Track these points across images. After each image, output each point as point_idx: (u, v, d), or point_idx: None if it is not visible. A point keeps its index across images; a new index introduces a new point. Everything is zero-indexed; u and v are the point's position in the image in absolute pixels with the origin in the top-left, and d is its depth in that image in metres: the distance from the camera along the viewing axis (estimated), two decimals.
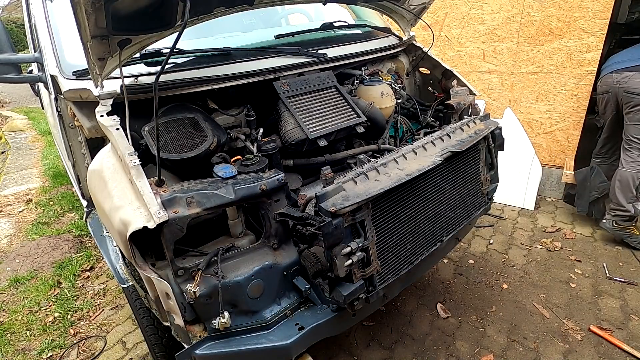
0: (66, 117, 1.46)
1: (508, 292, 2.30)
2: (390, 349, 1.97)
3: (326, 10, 2.46)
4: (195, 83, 1.40)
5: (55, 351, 2.11)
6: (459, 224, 1.62)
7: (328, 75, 1.74)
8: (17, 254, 3.06)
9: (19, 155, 5.64)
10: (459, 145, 1.53)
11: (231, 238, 1.32)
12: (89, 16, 0.94)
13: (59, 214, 3.68)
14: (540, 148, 3.28)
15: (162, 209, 1.02)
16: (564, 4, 2.85)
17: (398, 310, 2.22)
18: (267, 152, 1.42)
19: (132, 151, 1.13)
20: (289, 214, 1.24)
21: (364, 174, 1.27)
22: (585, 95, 2.96)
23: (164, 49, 1.46)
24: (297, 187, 1.57)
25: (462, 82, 2.09)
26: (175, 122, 1.34)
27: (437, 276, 2.48)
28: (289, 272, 1.29)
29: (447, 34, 3.50)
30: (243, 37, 2.01)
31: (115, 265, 1.39)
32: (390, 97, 1.83)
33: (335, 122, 1.59)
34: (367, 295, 1.28)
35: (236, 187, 1.15)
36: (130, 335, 2.18)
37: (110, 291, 2.57)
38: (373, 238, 1.26)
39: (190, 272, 1.13)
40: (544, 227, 2.93)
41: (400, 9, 2.06)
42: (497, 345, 1.95)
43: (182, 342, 1.21)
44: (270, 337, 1.22)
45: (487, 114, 1.84)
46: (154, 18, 1.13)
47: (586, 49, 2.86)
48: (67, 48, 1.51)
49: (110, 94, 1.26)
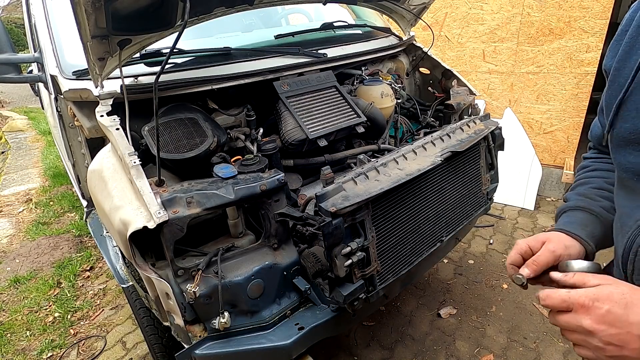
0: (66, 117, 1.46)
1: (508, 292, 2.30)
2: (390, 349, 1.97)
3: (326, 10, 2.46)
4: (195, 83, 1.40)
5: (55, 351, 2.11)
6: (459, 224, 1.62)
7: (328, 75, 1.74)
8: (17, 254, 3.06)
9: (19, 155, 5.64)
10: (459, 145, 1.53)
11: (231, 238, 1.32)
12: (89, 16, 0.94)
13: (59, 214, 3.68)
14: (540, 148, 3.28)
15: (162, 209, 1.02)
16: (564, 4, 2.85)
17: (398, 310, 2.22)
18: (267, 152, 1.42)
19: (132, 151, 1.13)
20: (289, 214, 1.24)
21: (364, 174, 1.27)
22: (585, 95, 2.96)
23: (164, 49, 1.46)
24: (297, 187, 1.57)
25: (462, 82, 2.09)
26: (175, 122, 1.34)
27: (437, 276, 2.48)
28: (289, 272, 1.28)
29: (447, 34, 3.50)
30: (243, 37, 2.01)
31: (115, 265, 1.39)
32: (390, 97, 1.83)
33: (335, 122, 1.59)
34: (367, 295, 1.28)
35: (236, 187, 1.15)
36: (130, 335, 2.18)
37: (110, 291, 2.57)
38: (373, 238, 1.26)
39: (190, 272, 1.13)
40: (544, 227, 2.93)
41: (400, 9, 2.06)
42: (497, 345, 1.95)
43: (182, 342, 1.21)
44: (270, 337, 1.22)
45: (487, 114, 1.84)
46: (154, 18, 1.13)
47: (586, 49, 2.86)
48: (67, 48, 1.51)
49: (110, 94, 1.26)
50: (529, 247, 0.73)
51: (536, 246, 0.72)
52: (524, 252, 0.73)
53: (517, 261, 0.73)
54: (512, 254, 0.74)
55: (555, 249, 0.69)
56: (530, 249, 0.72)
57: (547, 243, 0.71)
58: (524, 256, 0.72)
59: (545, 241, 0.72)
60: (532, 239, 0.73)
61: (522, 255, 0.73)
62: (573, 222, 0.76)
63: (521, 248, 0.73)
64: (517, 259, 0.73)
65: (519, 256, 0.73)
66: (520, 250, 0.73)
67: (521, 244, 0.73)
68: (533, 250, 0.72)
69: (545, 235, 0.73)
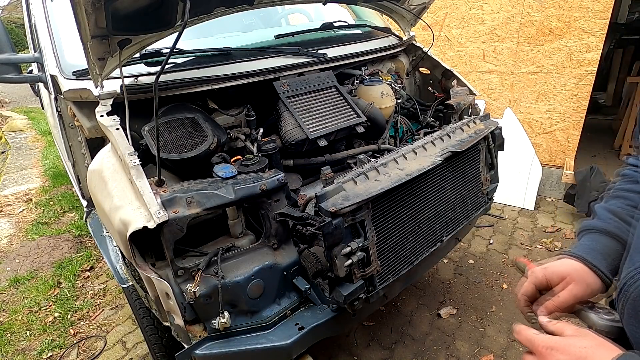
0: (66, 117, 1.46)
1: (508, 292, 2.30)
2: (390, 349, 1.97)
3: (326, 10, 2.46)
4: (195, 83, 1.40)
5: (55, 351, 2.11)
6: (459, 224, 1.62)
7: (328, 75, 1.74)
8: (17, 254, 3.06)
9: (19, 155, 5.64)
10: (459, 145, 1.53)
11: (231, 238, 1.32)
12: (89, 16, 0.94)
13: (59, 214, 3.68)
14: (540, 148, 3.28)
15: (162, 209, 1.02)
16: (564, 4, 2.85)
17: (398, 310, 2.22)
18: (267, 152, 1.42)
19: (132, 151, 1.13)
20: (289, 214, 1.24)
21: (364, 174, 1.27)
22: (585, 95, 2.96)
23: (164, 49, 1.46)
24: (297, 187, 1.57)
25: (462, 82, 2.09)
26: (175, 122, 1.34)
27: (437, 276, 2.47)
28: (289, 272, 1.29)
29: (447, 34, 3.50)
30: (243, 37, 2.01)
31: (115, 265, 1.39)
32: (390, 97, 1.83)
33: (335, 122, 1.59)
34: (367, 295, 1.28)
35: (236, 187, 1.15)
36: (130, 335, 2.18)
37: (110, 291, 2.57)
38: (373, 238, 1.26)
39: (190, 272, 1.13)
40: (544, 227, 2.93)
41: (400, 9, 2.06)
42: (497, 345, 1.95)
43: (182, 342, 1.21)
44: (270, 337, 1.22)
45: (487, 114, 1.84)
46: (154, 18, 1.13)
47: (586, 49, 2.86)
48: (67, 48, 1.51)
49: (110, 94, 1.26)
50: (546, 279, 0.66)
51: (554, 280, 0.65)
52: (539, 284, 0.67)
53: (532, 294, 0.67)
54: (526, 284, 0.68)
55: (579, 292, 0.63)
56: (548, 281, 0.66)
57: (570, 284, 0.63)
58: (539, 288, 0.67)
59: (566, 277, 0.64)
60: (550, 271, 0.66)
61: (537, 286, 0.67)
62: (595, 249, 0.68)
63: (537, 279, 0.66)
64: (532, 291, 0.67)
65: (534, 287, 0.67)
66: (537, 281, 0.67)
67: (538, 275, 0.66)
68: (550, 283, 0.65)
69: (565, 268, 0.65)
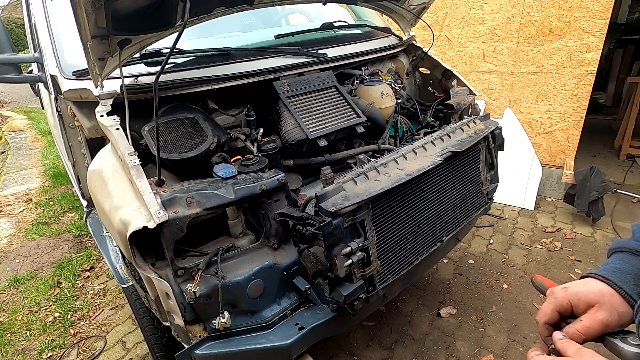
0: (66, 117, 1.46)
1: (508, 292, 2.30)
2: (390, 349, 1.97)
3: (326, 10, 2.46)
4: (195, 83, 1.40)
5: (55, 351, 2.11)
6: (459, 224, 1.62)
7: (328, 75, 1.74)
8: (17, 254, 3.06)
9: (19, 155, 5.64)
10: (459, 145, 1.53)
11: (231, 238, 1.32)
12: (89, 16, 0.94)
13: (59, 214, 3.68)
14: (540, 148, 3.28)
15: (162, 209, 1.02)
16: (564, 4, 2.85)
17: (398, 310, 2.22)
18: (267, 152, 1.42)
19: (132, 151, 1.13)
20: (289, 214, 1.24)
21: (364, 174, 1.27)
22: (585, 95, 2.96)
23: (164, 49, 1.46)
24: (297, 187, 1.57)
25: (462, 82, 2.09)
26: (175, 122, 1.34)
27: (437, 276, 2.47)
28: (289, 272, 1.29)
29: (447, 34, 3.50)
30: (243, 37, 2.01)
31: (115, 265, 1.39)
32: (390, 97, 1.83)
33: (335, 122, 1.59)
34: (367, 295, 1.28)
35: (236, 187, 1.15)
36: (130, 335, 2.18)
37: (110, 291, 2.57)
38: (373, 238, 1.26)
39: (190, 272, 1.13)
40: (544, 227, 2.93)
41: (400, 9, 2.06)
42: (497, 345, 1.95)
43: (182, 342, 1.21)
44: (270, 337, 1.22)
45: (487, 114, 1.84)
46: (154, 18, 1.13)
47: (586, 49, 2.86)
48: (67, 48, 1.51)
49: (110, 94, 1.26)
50: (570, 304, 0.59)
51: (579, 306, 0.58)
52: (561, 309, 0.60)
53: (553, 320, 0.60)
54: (547, 309, 0.61)
55: (609, 321, 0.57)
56: (572, 306, 0.59)
57: (599, 312, 0.57)
58: (562, 313, 0.60)
59: (594, 305, 0.57)
60: (574, 294, 0.59)
61: (559, 312, 0.60)
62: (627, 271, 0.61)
63: (560, 304, 0.60)
64: (554, 318, 0.60)
65: (557, 314, 0.60)
66: (558, 306, 0.60)
67: (560, 298, 0.59)
68: (575, 309, 0.59)
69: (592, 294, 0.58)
